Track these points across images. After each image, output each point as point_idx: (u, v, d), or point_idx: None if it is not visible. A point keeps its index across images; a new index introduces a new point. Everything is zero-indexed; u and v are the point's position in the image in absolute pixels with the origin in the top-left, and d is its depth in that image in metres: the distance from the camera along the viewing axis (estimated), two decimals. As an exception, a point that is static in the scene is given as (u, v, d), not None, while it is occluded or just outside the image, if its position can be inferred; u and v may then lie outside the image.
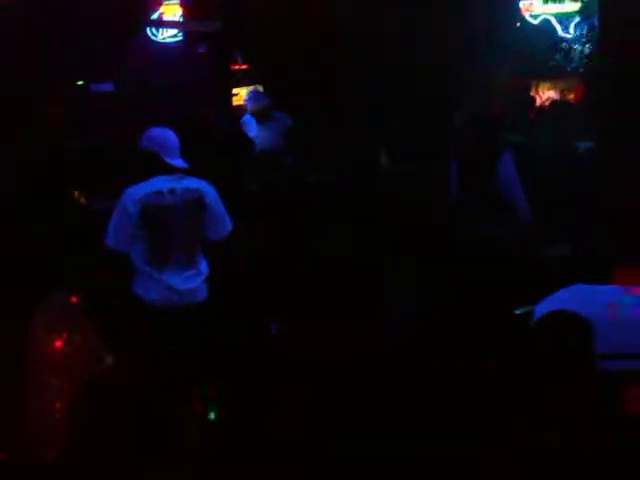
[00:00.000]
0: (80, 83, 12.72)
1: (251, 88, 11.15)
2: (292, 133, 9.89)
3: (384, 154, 8.54)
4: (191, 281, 5.56)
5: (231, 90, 13.77)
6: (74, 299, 5.54)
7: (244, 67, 14.36)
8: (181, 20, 13.12)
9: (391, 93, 11.14)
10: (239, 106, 12.32)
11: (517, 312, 5.40)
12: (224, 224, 5.73)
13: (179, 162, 5.61)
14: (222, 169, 7.12)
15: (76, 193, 7.78)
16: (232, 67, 14.28)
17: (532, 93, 12.31)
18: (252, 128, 9.82)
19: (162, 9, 13.11)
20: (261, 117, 9.92)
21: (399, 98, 10.91)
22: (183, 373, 5.34)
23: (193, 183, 5.64)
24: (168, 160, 5.56)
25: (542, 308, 4.98)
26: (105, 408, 4.97)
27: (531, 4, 11.97)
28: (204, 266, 5.67)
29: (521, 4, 12.07)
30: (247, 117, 10.04)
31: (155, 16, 13.10)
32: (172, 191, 5.53)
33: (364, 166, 8.23)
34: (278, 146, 9.58)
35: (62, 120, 11.56)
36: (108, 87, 12.77)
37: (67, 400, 5.19)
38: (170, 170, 5.57)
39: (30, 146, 8.70)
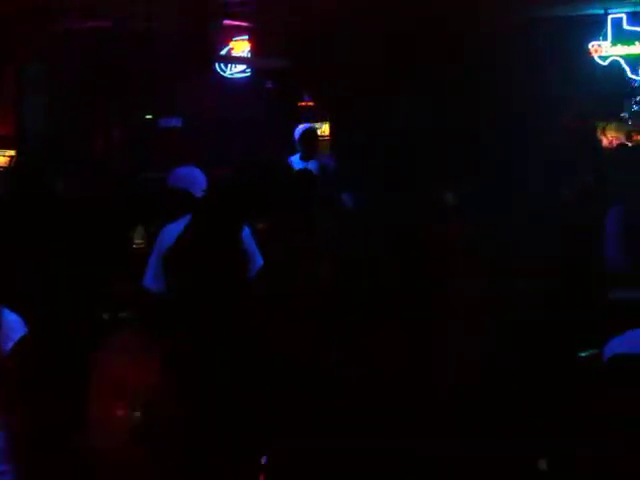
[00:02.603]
0: (149, 117, 12.93)
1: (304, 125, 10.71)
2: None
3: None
4: None
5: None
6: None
7: (310, 104, 14.44)
8: (249, 56, 13.22)
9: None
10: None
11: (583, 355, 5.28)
12: (253, 261, 5.63)
13: None
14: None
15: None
16: (298, 104, 14.39)
17: (599, 135, 12.22)
18: (296, 165, 9.61)
19: (231, 45, 13.25)
20: (307, 155, 9.64)
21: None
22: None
23: None
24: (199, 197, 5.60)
25: (611, 350, 4.81)
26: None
27: (600, 46, 11.90)
28: None
29: (590, 46, 12.00)
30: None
31: (224, 52, 13.23)
32: None
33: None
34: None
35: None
36: (176, 122, 12.93)
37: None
38: None
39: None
